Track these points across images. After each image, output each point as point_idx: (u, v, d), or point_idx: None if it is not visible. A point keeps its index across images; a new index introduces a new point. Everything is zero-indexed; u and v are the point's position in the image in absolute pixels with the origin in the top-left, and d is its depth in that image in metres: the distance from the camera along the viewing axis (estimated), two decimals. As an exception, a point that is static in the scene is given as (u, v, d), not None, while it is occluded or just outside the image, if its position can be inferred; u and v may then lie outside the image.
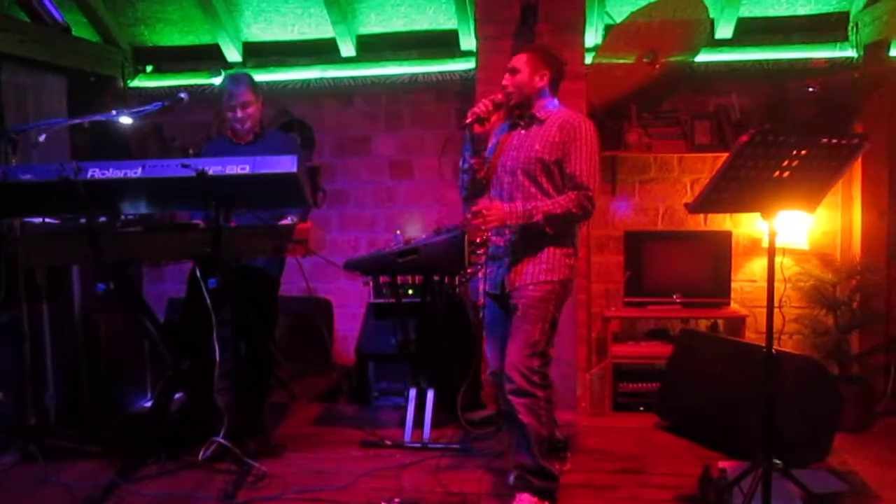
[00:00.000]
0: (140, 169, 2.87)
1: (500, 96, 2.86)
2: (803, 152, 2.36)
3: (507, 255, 2.87)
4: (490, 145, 2.97)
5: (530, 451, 2.73)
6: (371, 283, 4.31)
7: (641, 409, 4.16)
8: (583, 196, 2.75)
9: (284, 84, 4.91)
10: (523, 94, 2.85)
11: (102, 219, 3.13)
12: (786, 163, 2.37)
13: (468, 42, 4.71)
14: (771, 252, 2.54)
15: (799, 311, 4.52)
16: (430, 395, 3.56)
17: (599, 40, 4.53)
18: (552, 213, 2.72)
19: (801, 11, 4.48)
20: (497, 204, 2.74)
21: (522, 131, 2.88)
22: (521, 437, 2.74)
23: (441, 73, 4.75)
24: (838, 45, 4.44)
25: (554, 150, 2.77)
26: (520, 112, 2.90)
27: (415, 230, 4.81)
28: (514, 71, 2.86)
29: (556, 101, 2.91)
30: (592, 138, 2.81)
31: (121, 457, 3.18)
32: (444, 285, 3.78)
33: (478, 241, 3.43)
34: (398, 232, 4.27)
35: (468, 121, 2.81)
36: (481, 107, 2.81)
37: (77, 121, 3.37)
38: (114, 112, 3.36)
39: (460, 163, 2.98)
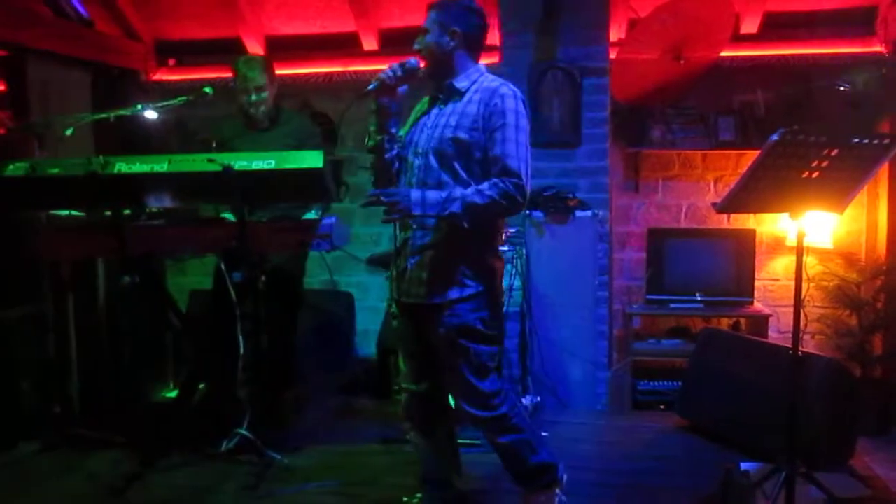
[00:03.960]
0: (166, 163, 2.89)
1: (412, 60, 2.40)
2: (833, 152, 2.33)
3: (415, 257, 2.40)
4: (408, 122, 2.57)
5: (520, 460, 2.53)
6: (392, 278, 4.32)
7: (662, 407, 4.14)
8: (511, 184, 2.26)
9: (307, 78, 4.91)
10: (435, 58, 2.39)
11: (127, 212, 3.15)
12: (815, 163, 2.34)
13: (491, 37, 4.66)
14: (799, 252, 2.51)
15: (822, 311, 4.48)
16: (451, 390, 3.56)
17: (623, 35, 4.49)
18: (473, 203, 2.25)
19: (828, 5, 4.41)
20: (405, 189, 2.32)
21: (440, 106, 2.44)
22: (506, 453, 2.53)
23: (463, 67, 4.72)
24: (866, 40, 4.37)
25: (474, 128, 2.32)
26: (437, 81, 2.45)
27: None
28: (423, 31, 2.40)
29: (479, 67, 2.45)
30: (521, 113, 2.33)
31: (143, 447, 3.21)
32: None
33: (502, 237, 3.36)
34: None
35: (371, 87, 2.36)
36: (388, 72, 2.36)
37: (104, 115, 3.39)
38: (139, 106, 3.37)
39: (365, 140, 2.55)
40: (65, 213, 3.29)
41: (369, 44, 4.86)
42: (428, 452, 2.68)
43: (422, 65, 2.43)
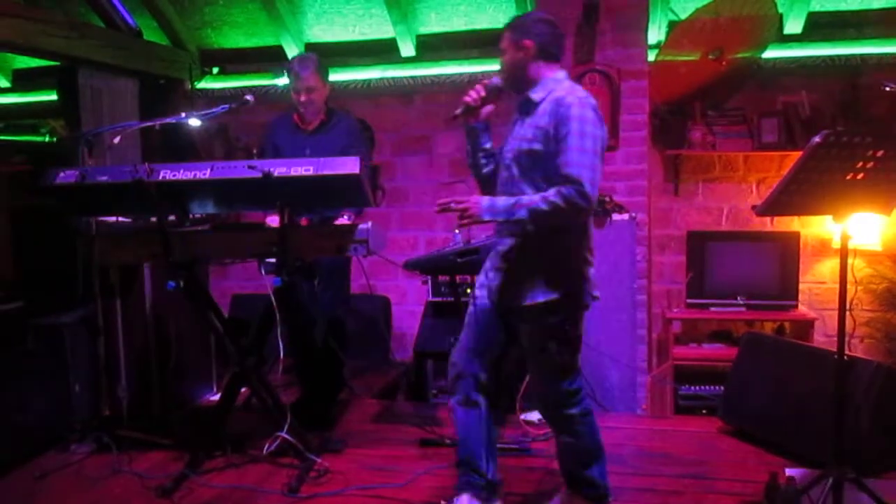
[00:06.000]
0: (209, 170, 2.95)
1: (495, 80, 2.56)
2: (879, 153, 2.28)
3: (500, 261, 2.58)
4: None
5: (574, 464, 2.67)
6: (429, 282, 4.35)
7: (704, 412, 4.09)
8: (573, 191, 2.31)
9: (345, 84, 4.98)
10: (513, 75, 2.52)
11: (171, 218, 3.22)
12: (860, 164, 2.29)
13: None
14: (843, 255, 2.47)
15: (870, 315, 4.38)
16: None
17: (663, 37, 4.46)
18: (537, 208, 2.34)
19: (876, 5, 4.32)
20: (475, 197, 2.44)
21: (521, 118, 2.54)
22: (564, 452, 2.68)
23: (501, 71, 4.73)
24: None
25: (546, 139, 2.40)
26: (520, 95, 2.56)
27: (474, 229, 4.81)
28: (501, 52, 2.54)
29: (556, 75, 2.51)
30: (586, 120, 2.36)
31: (189, 448, 3.28)
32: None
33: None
34: (457, 231, 4.27)
35: (457, 112, 2.52)
36: (472, 94, 2.52)
37: (149, 123, 3.48)
38: (183, 115, 3.46)
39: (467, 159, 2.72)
40: (113, 219, 3.38)
41: (407, 50, 4.91)
42: (467, 431, 2.70)
43: (501, 83, 2.56)
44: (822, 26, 4.40)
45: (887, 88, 2.84)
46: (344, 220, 3.43)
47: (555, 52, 2.52)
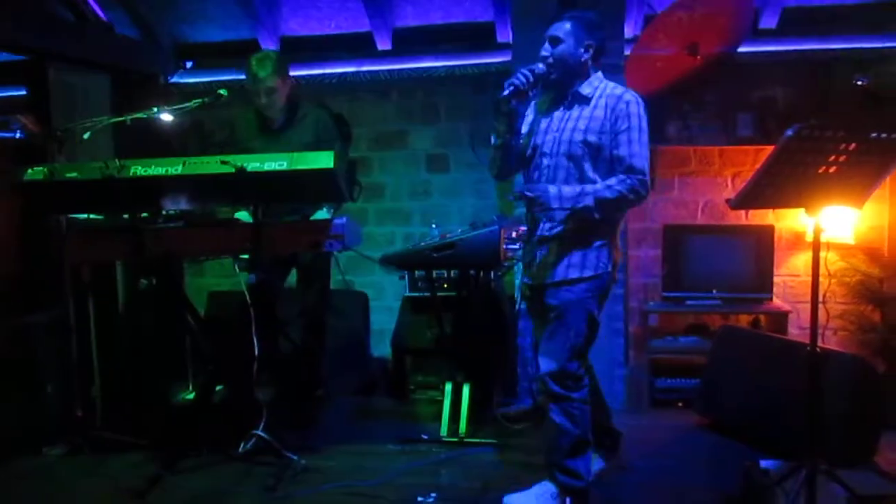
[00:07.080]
0: (181, 166, 2.91)
1: (540, 67, 2.63)
2: (851, 147, 2.29)
3: (540, 244, 2.74)
4: (527, 121, 2.82)
5: (559, 448, 2.71)
6: (407, 277, 4.33)
7: (680, 405, 4.11)
8: (636, 180, 2.54)
9: (321, 78, 4.93)
10: (566, 67, 2.63)
11: (144, 215, 3.18)
12: (833, 158, 2.31)
13: (505, 34, 4.67)
14: (816, 248, 2.49)
15: (844, 307, 4.42)
16: (467, 389, 3.56)
17: (639, 31, 4.46)
18: (604, 197, 2.54)
19: (850, 1, 4.35)
20: (543, 185, 2.59)
21: (564, 110, 2.69)
22: (553, 433, 2.72)
23: (477, 65, 4.71)
24: (889, 35, 4.30)
25: (602, 132, 2.58)
26: (561, 87, 2.69)
27: (451, 224, 4.80)
28: (555, 41, 2.62)
29: (599, 73, 2.71)
30: (643, 116, 2.59)
31: (164, 449, 3.24)
32: (480, 280, 3.77)
33: (514, 235, 3.42)
34: (434, 225, 4.26)
35: (505, 93, 2.58)
36: (521, 78, 2.58)
37: (120, 118, 3.42)
38: (155, 109, 3.40)
39: (491, 139, 2.76)
40: (83, 216, 3.33)
41: (383, 43, 4.87)
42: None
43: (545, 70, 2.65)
44: (796, 22, 4.42)
45: (859, 83, 2.86)
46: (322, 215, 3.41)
47: (602, 58, 2.73)
